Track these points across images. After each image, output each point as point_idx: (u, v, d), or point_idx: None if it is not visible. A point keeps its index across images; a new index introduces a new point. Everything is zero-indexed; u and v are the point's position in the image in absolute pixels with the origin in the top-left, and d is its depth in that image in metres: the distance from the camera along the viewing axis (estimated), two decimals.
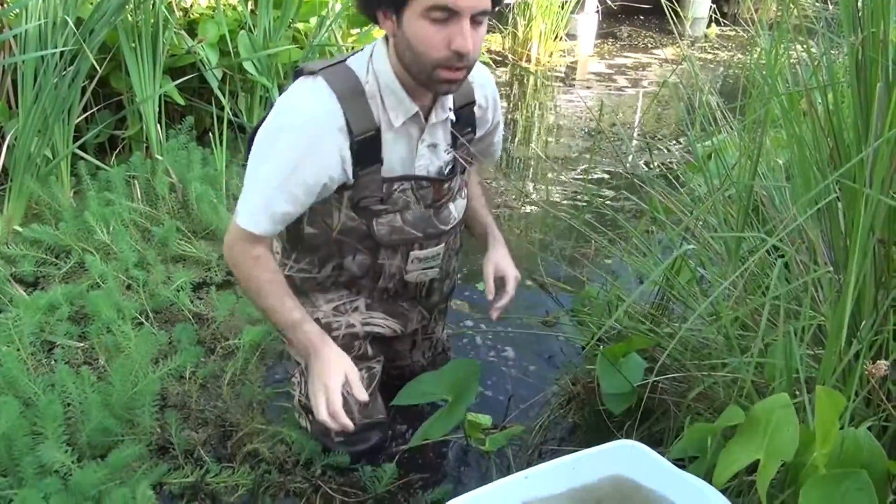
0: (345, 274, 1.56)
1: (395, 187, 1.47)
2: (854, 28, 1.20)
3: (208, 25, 3.03)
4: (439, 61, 1.29)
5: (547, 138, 4.31)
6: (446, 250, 1.62)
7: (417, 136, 1.47)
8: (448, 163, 1.53)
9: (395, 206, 1.48)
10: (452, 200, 1.57)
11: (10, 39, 2.65)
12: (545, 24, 5.65)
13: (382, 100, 1.40)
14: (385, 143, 1.42)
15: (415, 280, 1.61)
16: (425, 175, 1.50)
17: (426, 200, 1.51)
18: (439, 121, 1.48)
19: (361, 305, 1.61)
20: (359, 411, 1.58)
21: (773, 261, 1.59)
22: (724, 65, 5.96)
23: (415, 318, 1.72)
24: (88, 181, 2.63)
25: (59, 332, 2.03)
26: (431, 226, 1.54)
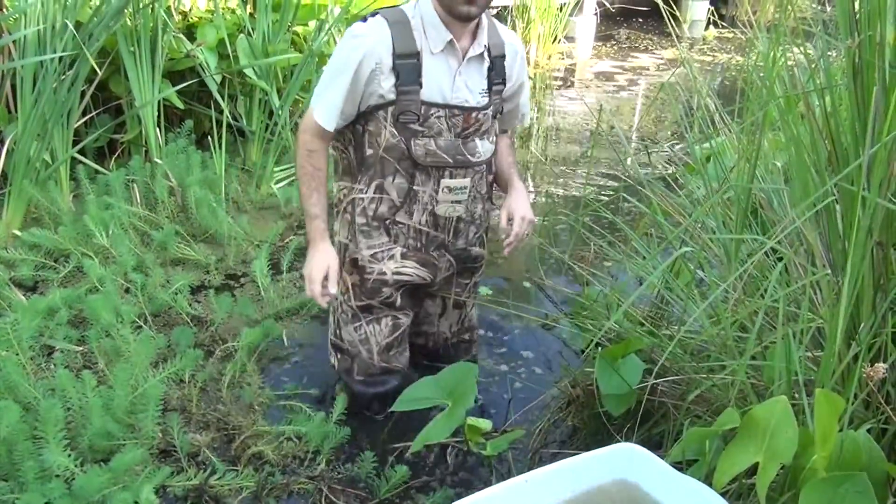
0: (385, 201, 1.75)
1: (432, 112, 1.68)
2: (851, 31, 1.20)
3: (207, 29, 3.03)
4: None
5: (546, 141, 4.31)
6: (472, 187, 1.79)
7: (456, 67, 1.68)
8: (481, 103, 1.74)
9: (431, 131, 1.69)
10: (480, 137, 1.76)
11: (10, 44, 2.65)
12: (543, 27, 5.66)
13: (424, 30, 1.66)
14: (425, 69, 1.66)
15: (445, 213, 1.78)
16: (458, 105, 1.70)
17: (456, 129, 1.71)
18: (475, 55, 1.70)
19: (397, 254, 1.80)
20: (378, 356, 1.84)
21: (772, 263, 1.59)
22: (723, 67, 5.97)
23: (443, 266, 1.87)
24: (87, 185, 2.63)
25: (58, 336, 2.03)
26: (460, 153, 1.73)
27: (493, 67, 1.74)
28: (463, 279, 1.96)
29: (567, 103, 5.01)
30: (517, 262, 2.70)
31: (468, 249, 1.90)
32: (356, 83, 1.64)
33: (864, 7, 1.19)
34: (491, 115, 1.77)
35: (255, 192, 2.99)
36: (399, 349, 1.89)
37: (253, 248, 2.62)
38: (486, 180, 1.85)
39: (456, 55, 1.67)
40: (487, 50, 1.72)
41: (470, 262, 1.94)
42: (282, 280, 2.47)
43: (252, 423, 1.81)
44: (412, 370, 1.93)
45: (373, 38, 1.63)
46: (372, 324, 1.83)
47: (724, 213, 1.83)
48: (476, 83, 1.72)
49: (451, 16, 1.62)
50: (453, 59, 1.68)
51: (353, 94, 1.66)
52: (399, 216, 1.77)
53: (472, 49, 1.68)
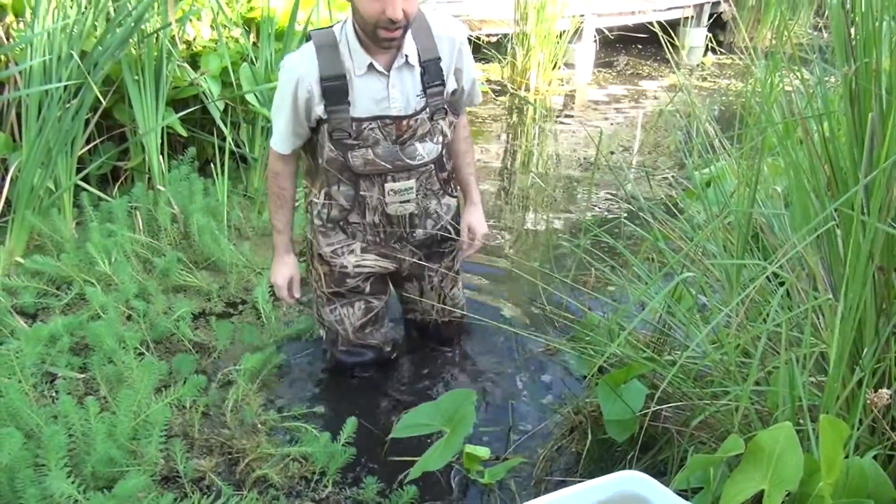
0: (335, 206, 1.91)
1: (364, 126, 1.78)
2: (847, 58, 1.22)
3: (211, 58, 3.07)
4: (377, 23, 1.63)
5: (546, 166, 4.33)
6: (419, 187, 1.90)
7: (385, 82, 1.78)
8: (417, 107, 1.82)
9: (367, 142, 1.79)
10: (419, 140, 1.84)
11: (16, 74, 2.68)
12: (543, 54, 5.71)
13: (350, 53, 1.76)
14: (354, 87, 1.76)
15: (395, 212, 1.90)
16: (388, 115, 1.79)
17: (392, 137, 1.81)
18: (400, 65, 1.77)
19: (357, 249, 1.97)
20: (354, 335, 2.07)
21: (774, 288, 1.59)
22: (721, 93, 6.02)
23: (406, 254, 2.01)
24: (91, 212, 2.64)
25: (60, 363, 2.03)
26: (399, 159, 1.83)
27: (426, 72, 1.81)
28: (433, 263, 2.08)
29: (567, 129, 5.05)
30: (518, 287, 2.70)
31: (431, 237, 2.02)
32: (296, 109, 1.79)
33: (859, 34, 1.20)
34: (427, 118, 1.84)
35: (257, 218, 3.00)
36: (374, 327, 2.10)
37: (254, 276, 2.63)
38: (438, 178, 1.95)
39: (379, 73, 1.77)
40: (418, 55, 1.80)
41: (436, 248, 2.06)
42: (283, 306, 2.47)
43: (256, 446, 1.80)
44: (406, 343, 2.27)
45: (301, 69, 1.76)
46: (346, 307, 2.04)
47: (725, 237, 1.83)
48: (410, 88, 1.81)
49: (374, 45, 1.72)
50: (379, 76, 1.77)
51: (297, 118, 1.81)
52: (352, 217, 1.93)
53: (396, 62, 1.78)
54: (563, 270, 2.51)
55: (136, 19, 2.68)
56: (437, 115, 1.85)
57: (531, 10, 5.55)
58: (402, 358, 2.30)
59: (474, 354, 2.34)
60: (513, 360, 2.29)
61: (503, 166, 4.29)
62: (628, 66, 6.97)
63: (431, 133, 1.86)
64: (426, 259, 2.06)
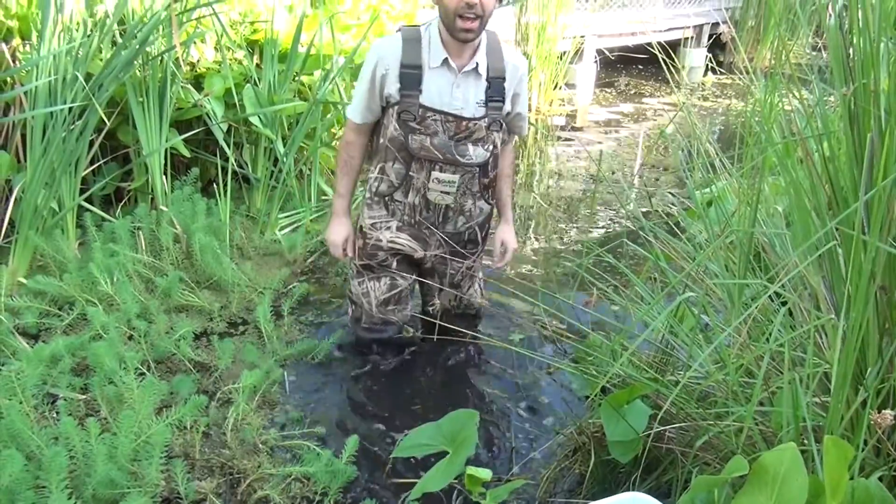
0: (385, 181, 2.12)
1: (429, 115, 2.00)
2: (845, 79, 1.23)
3: (215, 79, 3.09)
4: (456, 10, 1.86)
5: (548, 186, 4.35)
6: (461, 184, 2.09)
7: (452, 80, 2.00)
8: (476, 114, 2.04)
9: (427, 130, 2.02)
10: (472, 142, 2.05)
11: (21, 95, 2.70)
12: (544, 74, 5.76)
13: (429, 47, 1.99)
14: (426, 79, 1.99)
15: (434, 200, 2.10)
16: (452, 112, 2.01)
17: (449, 132, 2.02)
18: (470, 69, 2.00)
19: (393, 226, 2.18)
20: (377, 308, 2.25)
21: (777, 307, 1.59)
22: (722, 112, 6.05)
23: (433, 243, 2.21)
24: (94, 232, 2.65)
25: (61, 384, 2.02)
26: (450, 153, 2.04)
27: (491, 86, 2.04)
28: (456, 262, 2.25)
29: (568, 148, 5.07)
30: (520, 307, 2.70)
31: (458, 234, 2.20)
32: (372, 84, 2.02)
33: (857, 56, 1.21)
34: (485, 126, 2.05)
35: (259, 238, 3.01)
36: (397, 306, 2.27)
37: (256, 295, 2.63)
38: (480, 182, 2.13)
39: (452, 70, 1.99)
40: (487, 70, 2.02)
41: (461, 247, 2.23)
42: (284, 326, 2.47)
43: (257, 466, 1.79)
44: (418, 332, 2.43)
45: (384, 50, 2.00)
46: (373, 280, 2.23)
47: (727, 257, 1.83)
48: (472, 95, 2.03)
49: (451, 37, 1.94)
50: (450, 73, 2.00)
51: (372, 92, 2.04)
52: (397, 195, 2.13)
53: (468, 65, 2.00)
54: (565, 290, 2.50)
55: (140, 42, 2.70)
56: (493, 127, 2.07)
57: (532, 31, 5.61)
58: (405, 378, 2.29)
59: (476, 375, 2.34)
60: (515, 381, 2.29)
61: None
62: (629, 86, 7.01)
63: (485, 140, 2.07)
64: (452, 255, 2.23)
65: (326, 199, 3.40)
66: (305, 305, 2.67)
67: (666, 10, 7.51)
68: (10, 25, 2.87)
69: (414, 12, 4.17)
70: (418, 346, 2.44)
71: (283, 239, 2.99)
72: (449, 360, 2.39)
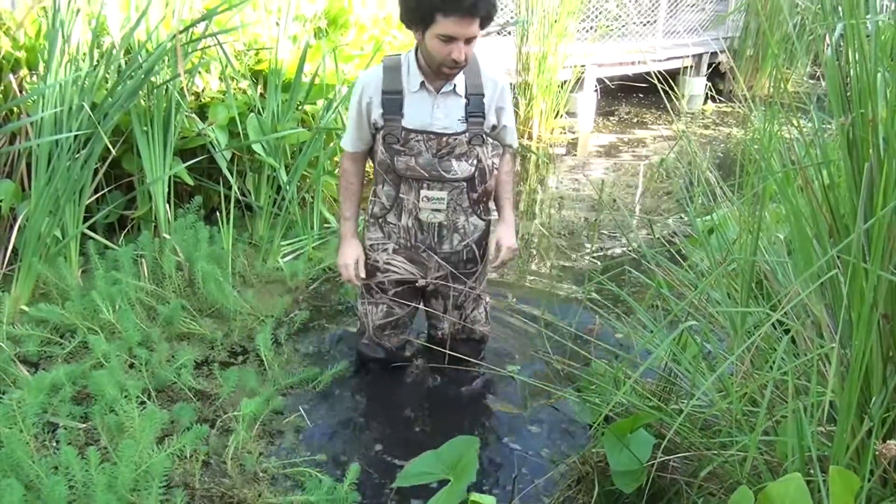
0: (378, 203, 2.22)
1: (412, 136, 2.09)
2: (843, 109, 1.24)
3: (219, 109, 3.12)
4: (443, 63, 1.98)
5: (550, 214, 4.36)
6: (450, 200, 2.16)
7: (432, 101, 2.09)
8: (458, 129, 2.11)
9: (411, 151, 2.10)
10: (456, 158, 2.11)
11: (27, 124, 2.73)
12: (545, 103, 5.81)
13: (409, 74, 2.09)
14: (407, 103, 2.09)
15: (427, 219, 2.17)
16: (432, 130, 2.09)
17: (432, 150, 2.10)
18: (448, 91, 2.09)
19: (390, 248, 2.25)
20: (373, 332, 2.35)
21: (780, 335, 1.58)
22: (722, 140, 6.09)
23: (433, 266, 2.25)
24: (97, 260, 2.66)
25: (62, 412, 2.02)
26: (435, 169, 2.11)
27: (470, 103, 2.11)
28: (458, 283, 2.27)
29: (569, 176, 5.09)
30: (522, 334, 2.69)
31: (456, 254, 2.24)
32: (360, 113, 2.13)
33: (854, 86, 1.23)
34: (466, 141, 2.11)
35: (261, 266, 3.01)
36: (394, 331, 2.36)
37: (258, 323, 2.62)
38: (469, 197, 2.18)
39: (430, 92, 2.08)
40: (465, 88, 2.10)
41: (461, 268, 2.27)
42: (285, 354, 2.47)
43: (258, 496, 1.78)
44: (418, 360, 2.47)
45: (368, 79, 2.12)
46: (371, 305, 2.32)
47: (729, 284, 1.83)
48: (454, 112, 2.10)
49: (432, 72, 2.04)
50: (429, 95, 2.09)
51: (360, 121, 2.15)
52: (390, 217, 2.21)
53: (444, 87, 2.08)
54: (568, 317, 2.50)
55: (146, 71, 2.74)
56: (475, 141, 2.12)
57: (532, 61, 5.67)
58: (406, 404, 2.28)
59: (478, 402, 2.32)
60: (517, 408, 2.27)
61: None
62: (630, 115, 7.06)
63: (468, 155, 2.13)
64: (451, 278, 2.26)
65: (329, 227, 3.41)
66: (307, 333, 2.66)
67: (665, 40, 7.59)
68: (18, 56, 2.91)
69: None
70: (421, 373, 2.43)
71: (285, 266, 2.99)
72: (451, 387, 2.38)
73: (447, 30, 1.90)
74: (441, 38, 1.92)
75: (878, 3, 1.42)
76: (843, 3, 1.21)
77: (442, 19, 1.89)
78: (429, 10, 1.89)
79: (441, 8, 1.87)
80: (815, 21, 1.50)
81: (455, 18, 1.87)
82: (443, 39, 1.92)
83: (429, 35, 1.94)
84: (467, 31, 1.91)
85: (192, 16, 3.09)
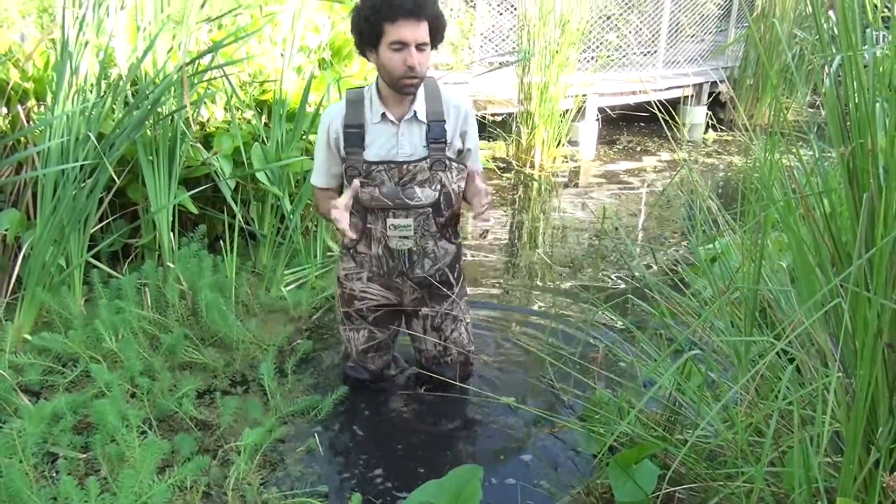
0: None
1: (373, 168, 2.12)
2: (843, 139, 1.25)
3: (224, 138, 3.15)
4: (400, 75, 2.01)
5: (552, 242, 4.37)
6: (417, 226, 2.19)
7: (395, 130, 2.12)
8: (421, 155, 2.14)
9: (374, 182, 2.13)
10: (419, 185, 2.15)
11: (34, 154, 2.75)
12: (547, 132, 5.85)
13: (371, 105, 2.13)
14: (369, 135, 2.13)
15: (396, 246, 2.20)
16: (394, 160, 2.12)
17: (395, 179, 2.13)
18: (409, 118, 2.12)
19: (364, 278, 2.30)
20: (357, 356, 2.41)
21: (784, 364, 1.58)
22: (723, 169, 6.11)
23: (407, 290, 2.31)
24: (100, 289, 2.66)
25: (62, 442, 2.00)
26: (399, 197, 2.15)
27: (431, 130, 2.14)
28: (434, 304, 2.34)
29: (571, 205, 5.11)
30: (526, 363, 2.68)
31: (428, 278, 2.28)
32: (328, 147, 2.18)
33: (854, 116, 1.24)
34: (427, 167, 2.14)
35: (264, 294, 3.02)
36: (377, 354, 2.42)
37: (261, 352, 2.62)
38: (436, 222, 2.21)
39: (391, 122, 2.12)
40: (426, 114, 2.14)
41: (436, 289, 2.31)
42: (288, 383, 2.46)
43: None
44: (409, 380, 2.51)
45: (332, 113, 2.17)
46: (353, 331, 2.39)
47: (733, 313, 1.82)
48: (418, 139, 2.14)
49: (394, 91, 2.08)
50: (391, 125, 2.13)
51: (330, 154, 2.19)
52: (360, 247, 2.25)
53: (407, 114, 2.13)
54: (571, 345, 2.49)
55: (152, 102, 2.77)
56: (437, 167, 2.15)
57: (534, 90, 5.72)
58: (406, 433, 2.26)
59: (481, 431, 2.31)
60: (520, 438, 2.25)
61: (509, 242, 4.33)
62: (631, 143, 7.11)
63: (430, 181, 2.15)
64: (428, 299, 2.32)
65: (332, 255, 3.42)
66: (309, 362, 2.66)
67: (665, 70, 7.67)
68: (27, 87, 2.95)
69: None
70: (420, 401, 2.42)
71: (288, 295, 2.99)
72: (451, 416, 2.37)
73: (397, 35, 1.96)
74: (393, 48, 1.97)
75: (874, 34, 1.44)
76: (841, 35, 1.23)
77: (390, 27, 1.96)
78: (376, 23, 1.97)
79: (387, 16, 1.95)
80: (813, 52, 1.52)
81: (401, 21, 1.94)
82: (395, 48, 1.97)
83: (382, 50, 2.00)
84: (416, 34, 1.96)
85: (199, 48, 3.14)
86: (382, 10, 1.96)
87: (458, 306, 2.38)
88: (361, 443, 2.24)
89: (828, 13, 1.39)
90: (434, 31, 2.02)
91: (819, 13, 1.34)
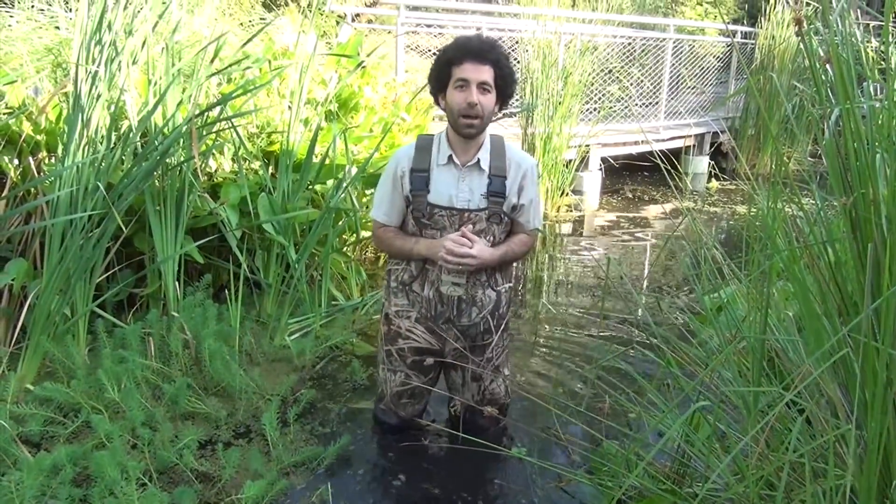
0: (407, 270, 2.32)
1: (436, 211, 2.23)
2: (844, 189, 1.25)
3: (231, 188, 3.19)
4: (461, 112, 2.14)
5: (556, 292, 4.36)
6: (469, 275, 2.25)
7: (458, 174, 2.23)
8: (480, 205, 2.23)
9: (436, 226, 2.24)
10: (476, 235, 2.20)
11: (43, 204, 2.78)
12: (552, 182, 5.91)
13: (438, 149, 2.25)
14: (433, 179, 2.23)
15: (447, 292, 2.25)
16: (455, 207, 2.21)
17: (455, 225, 2.22)
18: (472, 164, 2.22)
19: (413, 317, 2.35)
20: (391, 398, 2.43)
21: (794, 415, 1.55)
22: (727, 218, 6.13)
23: (451, 337, 2.35)
24: (104, 338, 2.65)
25: (61, 495, 1.97)
26: None
27: (492, 183, 2.23)
28: (476, 355, 2.37)
29: (576, 254, 5.12)
30: (532, 415, 2.64)
31: (475, 326, 2.32)
32: (394, 184, 2.27)
33: (854, 166, 1.25)
34: (485, 218, 2.23)
35: (268, 344, 3.00)
36: (410, 401, 2.44)
37: (264, 402, 2.59)
38: (486, 270, 2.27)
39: (456, 165, 2.22)
40: (490, 166, 2.23)
41: (479, 340, 2.36)
42: (291, 433, 2.43)
43: None
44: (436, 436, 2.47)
45: (401, 155, 2.28)
46: (390, 372, 2.41)
47: (740, 362, 1.81)
48: (477, 187, 2.23)
49: (457, 134, 2.19)
50: (455, 169, 2.23)
51: (394, 193, 2.28)
52: (415, 286, 2.32)
53: (471, 160, 2.22)
54: (577, 398, 2.46)
55: (161, 153, 2.81)
56: (493, 219, 2.24)
57: (538, 141, 5.80)
58: (413, 485, 2.22)
59: (487, 484, 2.26)
60: (527, 491, 2.21)
61: (514, 292, 4.32)
62: (635, 193, 7.16)
63: (486, 232, 2.25)
64: (469, 351, 2.34)
65: (336, 304, 3.42)
66: (313, 412, 2.63)
67: (667, 120, 7.78)
68: (38, 139, 3.00)
69: (425, 125, 4.34)
70: (428, 451, 2.38)
71: (292, 344, 2.98)
72: (458, 467, 2.33)
73: (460, 73, 2.12)
74: (456, 86, 2.13)
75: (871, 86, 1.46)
76: (839, 88, 1.25)
77: (456, 69, 2.13)
78: (444, 66, 2.16)
79: (453, 59, 2.14)
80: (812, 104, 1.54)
81: (466, 63, 2.11)
82: (458, 86, 2.12)
83: (449, 92, 2.16)
84: (478, 74, 2.11)
85: (208, 100, 3.20)
86: (450, 54, 2.15)
87: (500, 356, 2.42)
88: (363, 493, 2.19)
89: (825, 66, 1.41)
90: (499, 77, 2.15)
91: (816, 66, 1.36)
